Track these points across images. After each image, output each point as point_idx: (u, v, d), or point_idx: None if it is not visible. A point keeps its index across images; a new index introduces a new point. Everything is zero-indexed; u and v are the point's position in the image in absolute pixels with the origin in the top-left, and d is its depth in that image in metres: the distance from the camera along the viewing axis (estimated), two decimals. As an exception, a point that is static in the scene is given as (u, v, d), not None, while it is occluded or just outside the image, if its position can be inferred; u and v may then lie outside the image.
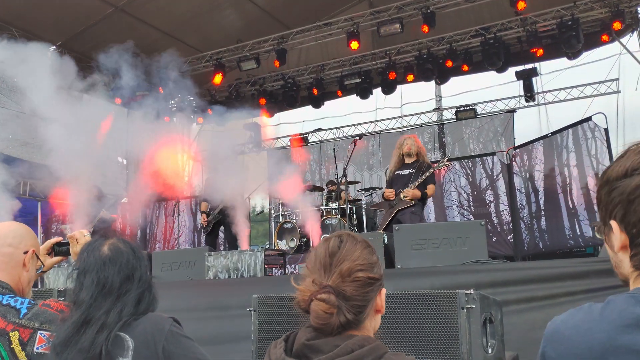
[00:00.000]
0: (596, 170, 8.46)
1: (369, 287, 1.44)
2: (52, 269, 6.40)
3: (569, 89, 12.88)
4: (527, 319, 4.11)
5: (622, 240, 1.19)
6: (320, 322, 1.39)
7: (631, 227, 1.17)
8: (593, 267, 4.20)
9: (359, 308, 1.42)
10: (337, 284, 1.40)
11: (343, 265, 1.42)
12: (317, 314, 1.38)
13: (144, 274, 2.06)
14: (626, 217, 1.17)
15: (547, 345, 1.26)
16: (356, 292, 1.41)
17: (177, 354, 1.92)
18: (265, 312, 2.89)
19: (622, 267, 1.22)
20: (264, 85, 13.84)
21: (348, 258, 1.44)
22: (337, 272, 1.42)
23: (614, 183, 1.20)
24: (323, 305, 1.38)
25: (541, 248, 9.40)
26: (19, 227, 2.29)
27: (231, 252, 5.88)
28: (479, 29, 11.29)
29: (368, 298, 1.44)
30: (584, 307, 1.23)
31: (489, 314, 2.58)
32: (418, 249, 4.89)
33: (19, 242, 2.22)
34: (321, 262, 1.45)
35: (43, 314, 2.10)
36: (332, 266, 1.43)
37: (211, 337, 4.46)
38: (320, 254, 1.47)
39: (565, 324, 1.23)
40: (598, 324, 1.15)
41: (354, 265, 1.43)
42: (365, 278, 1.43)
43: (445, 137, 13.64)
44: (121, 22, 11.47)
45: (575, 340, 1.18)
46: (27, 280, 2.25)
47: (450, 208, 10.67)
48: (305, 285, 1.43)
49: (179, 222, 11.06)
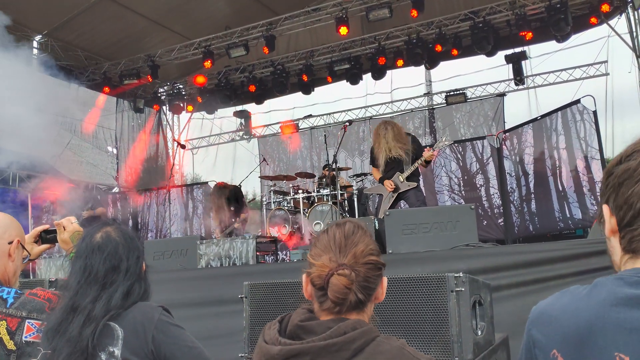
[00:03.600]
0: (585, 152, 8.51)
1: (378, 272, 1.50)
2: (44, 259, 6.40)
3: (558, 72, 12.93)
4: (517, 301, 4.15)
5: (612, 224, 1.21)
6: (340, 297, 1.42)
7: (619, 210, 1.18)
8: (582, 249, 4.24)
9: (368, 290, 1.47)
10: (352, 264, 1.45)
11: (358, 248, 1.48)
12: (338, 287, 1.42)
13: (133, 265, 2.04)
14: (616, 200, 1.19)
15: (532, 328, 1.27)
16: (368, 274, 1.46)
17: (167, 342, 1.92)
18: (257, 299, 2.90)
19: (615, 253, 1.23)
20: (254, 72, 13.77)
21: (362, 242, 1.50)
22: (352, 252, 1.47)
23: (611, 169, 1.23)
24: (344, 280, 1.42)
25: (531, 231, 9.46)
26: (3, 217, 2.26)
27: (223, 239, 5.89)
28: (468, 12, 11.26)
29: (376, 283, 1.50)
30: (570, 289, 1.24)
31: (478, 297, 2.61)
32: (409, 233, 4.91)
33: (4, 233, 2.20)
34: (336, 243, 1.50)
35: (30, 302, 2.11)
36: (347, 247, 1.48)
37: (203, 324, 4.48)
38: (336, 236, 1.52)
39: (551, 306, 1.24)
40: (586, 303, 1.16)
41: (367, 249, 1.49)
42: (376, 262, 1.49)
43: (435, 122, 13.66)
44: (107, 10, 11.36)
45: (563, 320, 1.18)
46: (13, 270, 2.24)
47: (441, 192, 10.71)
48: (323, 261, 1.46)
49: (170, 211, 11.04)
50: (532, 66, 12.88)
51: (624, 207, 1.17)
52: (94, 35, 12.32)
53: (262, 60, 13.53)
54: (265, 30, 11.69)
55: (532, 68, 12.92)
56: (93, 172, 13.68)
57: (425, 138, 13.31)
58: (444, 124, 13.48)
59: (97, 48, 12.85)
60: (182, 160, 16.66)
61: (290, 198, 9.32)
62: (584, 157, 8.50)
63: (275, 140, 15.22)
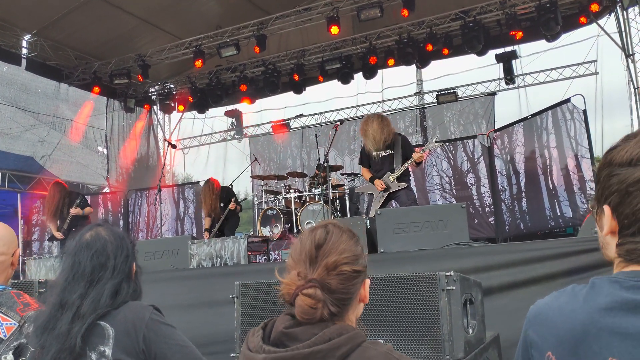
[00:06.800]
0: (575, 151, 8.55)
1: (353, 280, 1.45)
2: (34, 260, 6.39)
3: (548, 71, 12.99)
4: (509, 299, 4.17)
5: (612, 226, 1.19)
6: (306, 317, 1.38)
7: (623, 218, 1.16)
8: (572, 247, 4.25)
9: (343, 301, 1.42)
10: (322, 277, 1.41)
11: (329, 259, 1.42)
12: (303, 308, 1.38)
13: (121, 264, 2.05)
14: (620, 207, 1.17)
15: (529, 328, 1.26)
16: (341, 285, 1.42)
17: (157, 341, 1.92)
18: (248, 299, 2.89)
19: (608, 249, 1.23)
20: (245, 71, 13.74)
21: (334, 251, 1.44)
22: (322, 265, 1.42)
23: (616, 169, 1.18)
24: (309, 300, 1.37)
25: (522, 229, 9.50)
26: (5, 231, 2.51)
27: (214, 239, 5.87)
28: (459, 12, 11.29)
29: (352, 291, 1.45)
30: (567, 289, 1.23)
31: (469, 295, 2.61)
32: (400, 232, 4.91)
33: (8, 248, 2.47)
34: (307, 254, 1.45)
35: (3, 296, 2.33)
36: (317, 259, 1.43)
37: (195, 323, 4.47)
38: (306, 246, 1.46)
39: (548, 306, 1.24)
40: (581, 306, 1.15)
41: (340, 258, 1.43)
42: (350, 271, 1.43)
43: (426, 121, 13.70)
44: (98, 10, 11.29)
45: (558, 322, 1.18)
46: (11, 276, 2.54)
47: (432, 192, 10.74)
48: (291, 278, 1.42)
49: (161, 211, 11.00)
50: (522, 65, 12.94)
51: (631, 217, 1.15)
52: (84, 34, 12.25)
53: (253, 59, 13.50)
54: (256, 29, 11.67)
55: (523, 67, 12.98)
56: (83, 172, 13.61)
57: (416, 137, 13.35)
58: (435, 123, 13.52)
59: (87, 47, 12.78)
60: (174, 160, 16.61)
61: (282, 197, 9.32)
62: (574, 156, 8.55)
63: (266, 140, 15.21)
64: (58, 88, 12.96)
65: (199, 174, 16.44)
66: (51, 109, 12.77)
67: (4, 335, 2.17)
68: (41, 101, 12.56)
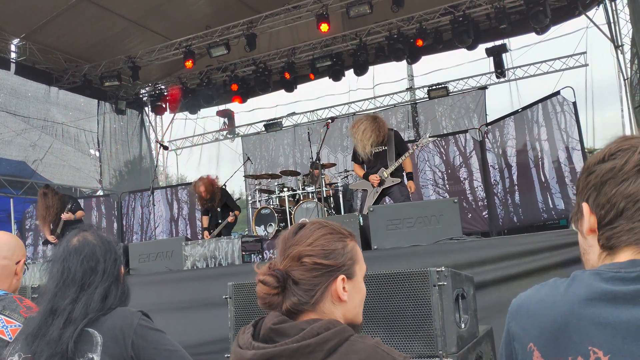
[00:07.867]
0: (566, 143, 8.58)
1: (316, 273, 1.47)
2: (28, 264, 6.36)
3: (538, 64, 13.04)
4: (502, 293, 4.19)
5: (591, 222, 1.21)
6: (261, 302, 1.47)
7: (600, 208, 1.18)
8: (565, 239, 4.27)
9: (305, 291, 1.46)
10: (288, 267, 1.48)
11: (294, 250, 1.50)
12: (259, 295, 1.47)
13: (110, 267, 2.05)
14: (597, 199, 1.19)
15: (511, 321, 1.27)
16: (302, 276, 1.47)
17: (146, 347, 1.91)
18: (242, 299, 2.90)
19: (592, 252, 1.24)
20: (235, 71, 13.73)
21: (301, 243, 1.50)
22: (289, 256, 1.50)
23: (592, 167, 1.22)
24: (261, 286, 1.46)
25: (516, 222, 9.53)
26: (9, 238, 2.51)
27: (208, 240, 5.87)
28: (448, 7, 11.30)
29: (315, 282, 1.47)
30: (549, 282, 1.25)
31: (461, 290, 2.63)
32: (393, 229, 4.92)
33: (12, 254, 2.46)
34: (280, 247, 1.54)
35: (5, 300, 2.30)
36: (285, 251, 1.52)
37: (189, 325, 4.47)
38: (280, 240, 1.56)
39: (530, 298, 1.25)
40: (562, 297, 1.17)
41: (305, 249, 1.49)
42: (311, 263, 1.47)
43: (418, 116, 13.72)
44: (86, 12, 11.25)
45: (540, 313, 1.19)
46: (16, 287, 2.51)
47: (425, 187, 10.75)
48: (262, 269, 1.50)
49: (154, 213, 10.97)
50: (512, 58, 13.01)
51: (607, 206, 1.17)
52: (73, 37, 12.20)
53: (243, 59, 13.49)
54: (246, 28, 11.65)
55: (513, 60, 13.05)
56: (76, 175, 13.56)
57: (408, 132, 13.36)
58: (427, 118, 13.55)
59: (77, 50, 12.73)
60: (166, 161, 16.59)
61: (275, 196, 9.32)
62: (565, 148, 8.57)
63: (258, 139, 15.20)
64: (48, 92, 12.91)
65: (192, 175, 16.44)
66: (42, 113, 12.72)
67: (10, 338, 2.18)
68: (32, 105, 12.52)
